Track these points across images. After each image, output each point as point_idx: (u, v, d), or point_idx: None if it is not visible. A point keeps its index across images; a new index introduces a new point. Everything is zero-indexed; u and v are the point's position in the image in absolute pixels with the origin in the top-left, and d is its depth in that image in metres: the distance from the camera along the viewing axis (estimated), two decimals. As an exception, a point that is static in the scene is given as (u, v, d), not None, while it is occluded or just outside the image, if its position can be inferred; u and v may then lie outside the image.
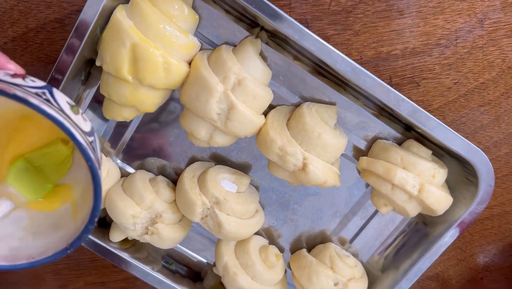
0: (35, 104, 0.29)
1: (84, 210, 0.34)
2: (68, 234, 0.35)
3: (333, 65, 0.43)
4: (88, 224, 0.33)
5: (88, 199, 0.33)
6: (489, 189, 0.47)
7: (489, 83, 0.48)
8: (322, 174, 0.46)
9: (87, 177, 0.32)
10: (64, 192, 0.38)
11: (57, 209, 0.38)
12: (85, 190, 0.36)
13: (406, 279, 0.51)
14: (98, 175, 0.31)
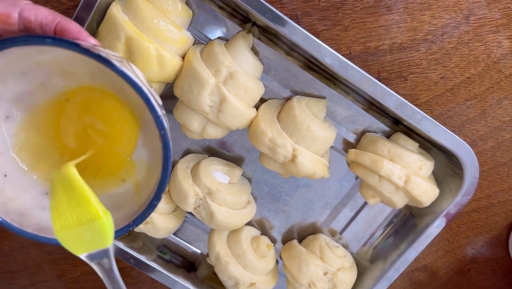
0: (117, 66, 0.29)
1: (148, 188, 0.35)
2: (130, 212, 0.35)
3: (321, 59, 0.44)
4: (154, 199, 0.33)
5: (153, 177, 0.33)
6: (474, 181, 0.48)
7: (475, 78, 0.49)
8: (311, 165, 0.47)
9: (154, 153, 0.32)
10: (128, 172, 0.39)
11: (119, 188, 0.38)
12: (151, 168, 0.36)
13: (394, 269, 0.52)
14: (169, 146, 0.31)
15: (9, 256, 0.61)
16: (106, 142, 0.38)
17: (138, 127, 0.38)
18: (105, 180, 0.39)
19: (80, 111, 0.38)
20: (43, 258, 0.61)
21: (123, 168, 0.39)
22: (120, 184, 0.39)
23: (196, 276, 0.58)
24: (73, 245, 0.31)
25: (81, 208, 0.30)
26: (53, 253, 0.61)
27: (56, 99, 0.37)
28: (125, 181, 0.39)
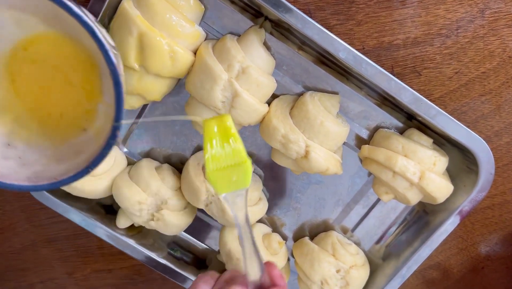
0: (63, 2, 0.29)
1: (107, 132, 0.35)
2: (91, 156, 0.36)
3: (335, 54, 0.44)
4: (110, 138, 0.33)
5: (110, 118, 0.33)
6: (490, 177, 0.47)
7: (490, 72, 0.48)
8: (324, 161, 0.47)
9: (112, 97, 0.32)
10: (89, 121, 0.40)
11: (81, 137, 0.39)
12: (109, 112, 0.37)
13: (407, 267, 0.51)
14: (120, 82, 0.32)
15: (19, 253, 0.61)
16: (67, 90, 0.38)
17: (97, 74, 0.39)
18: (67, 129, 0.40)
19: (38, 60, 0.38)
20: (54, 255, 0.61)
21: (84, 116, 0.40)
22: (81, 133, 0.40)
23: (206, 273, 0.58)
24: (220, 185, 0.37)
25: (233, 153, 0.36)
26: (63, 250, 0.61)
27: (13, 50, 0.37)
28: (86, 130, 0.40)
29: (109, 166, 0.51)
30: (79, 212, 0.52)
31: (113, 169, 0.51)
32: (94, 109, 0.40)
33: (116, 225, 0.54)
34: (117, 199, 0.50)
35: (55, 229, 0.60)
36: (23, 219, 0.59)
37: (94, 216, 0.53)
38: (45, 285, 0.63)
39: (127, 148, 0.55)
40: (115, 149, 0.53)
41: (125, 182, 0.50)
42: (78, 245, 0.60)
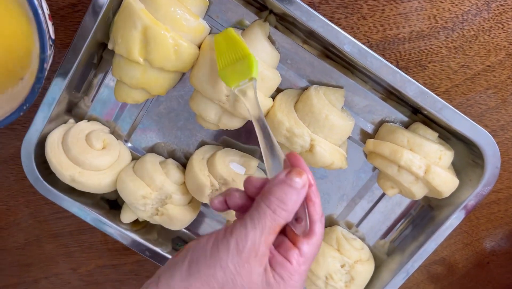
0: None
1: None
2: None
3: (340, 47, 0.44)
4: (38, 72, 0.34)
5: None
6: (495, 171, 0.47)
7: (496, 66, 0.48)
8: (329, 155, 0.46)
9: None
10: (24, 68, 0.41)
11: (18, 86, 0.40)
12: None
13: (412, 261, 0.51)
14: (37, 10, 0.33)
15: (23, 249, 0.62)
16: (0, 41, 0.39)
17: (28, 22, 0.39)
18: (5, 79, 0.41)
19: None
20: (58, 251, 0.61)
21: (19, 65, 0.40)
22: (19, 82, 0.41)
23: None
24: (228, 78, 0.42)
25: (236, 50, 0.42)
26: (67, 246, 0.61)
27: None
28: (23, 78, 0.41)
29: (113, 160, 0.51)
30: (83, 207, 0.52)
31: (118, 164, 0.51)
32: (29, 57, 0.40)
33: (121, 220, 0.54)
34: (121, 193, 0.50)
35: (59, 225, 0.60)
36: (27, 214, 0.59)
37: (98, 211, 0.53)
38: (50, 281, 0.63)
39: (131, 143, 0.55)
40: (120, 143, 0.53)
41: (130, 176, 0.50)
42: (82, 240, 0.60)
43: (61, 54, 0.51)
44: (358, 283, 0.52)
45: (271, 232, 0.32)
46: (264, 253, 0.32)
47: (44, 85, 0.52)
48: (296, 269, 0.33)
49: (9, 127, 0.54)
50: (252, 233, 0.32)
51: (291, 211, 0.33)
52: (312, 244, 0.34)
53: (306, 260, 0.34)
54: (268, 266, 0.33)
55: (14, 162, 0.56)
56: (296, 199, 0.33)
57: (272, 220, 0.32)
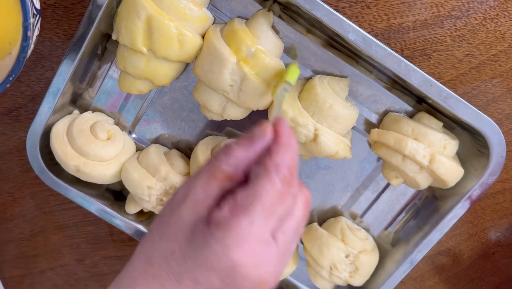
0: None
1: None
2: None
3: (344, 36, 0.43)
4: (22, 40, 0.34)
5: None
6: (501, 160, 0.47)
7: (501, 54, 0.48)
8: (334, 144, 0.46)
9: None
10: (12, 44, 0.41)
11: (5, 60, 0.41)
12: None
13: (417, 252, 0.51)
14: None
15: (29, 240, 0.62)
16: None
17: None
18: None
19: None
20: (63, 242, 0.62)
21: (8, 40, 0.41)
22: (7, 56, 0.41)
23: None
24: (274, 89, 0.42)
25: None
26: (73, 237, 0.61)
27: None
28: (11, 53, 0.41)
29: (118, 151, 0.51)
30: (88, 198, 0.52)
31: (122, 155, 0.52)
32: (18, 32, 0.40)
33: (126, 211, 0.54)
34: (126, 184, 0.50)
35: (65, 216, 0.60)
36: (33, 206, 0.60)
37: (103, 202, 0.53)
38: (56, 272, 0.64)
39: (136, 134, 0.55)
40: (124, 134, 0.53)
41: (134, 167, 0.50)
42: (87, 231, 0.61)
43: (65, 45, 0.51)
44: (362, 273, 0.52)
45: (210, 177, 0.29)
46: (199, 200, 0.29)
47: (48, 76, 0.52)
48: (225, 216, 0.27)
49: (14, 118, 0.55)
50: (189, 179, 0.30)
51: (237, 157, 0.29)
52: (250, 190, 0.28)
53: (243, 210, 0.27)
54: (205, 216, 0.29)
55: (19, 153, 0.56)
56: (247, 145, 0.29)
57: (210, 164, 0.29)
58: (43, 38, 0.50)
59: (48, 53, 0.51)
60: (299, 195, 0.31)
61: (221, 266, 0.27)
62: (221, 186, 0.29)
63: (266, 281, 0.29)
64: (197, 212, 0.29)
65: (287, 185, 0.29)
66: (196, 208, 0.29)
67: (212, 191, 0.29)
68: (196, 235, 0.28)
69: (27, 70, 0.52)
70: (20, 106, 0.54)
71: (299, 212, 0.30)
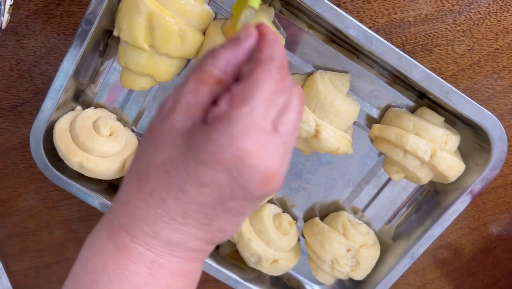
0: None
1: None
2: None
3: (345, 31, 0.43)
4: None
5: None
6: (502, 155, 0.47)
7: (503, 49, 0.48)
8: (335, 140, 0.46)
9: None
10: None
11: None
12: None
13: (418, 246, 0.51)
14: None
15: (34, 234, 0.63)
16: None
17: None
18: None
19: None
20: (68, 236, 0.62)
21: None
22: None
23: (218, 254, 0.58)
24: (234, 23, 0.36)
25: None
26: (77, 231, 0.62)
27: None
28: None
29: (120, 147, 0.51)
30: (92, 193, 0.52)
31: (125, 150, 0.52)
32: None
33: (129, 206, 0.54)
34: (129, 179, 0.51)
35: (68, 211, 0.61)
36: (38, 201, 0.60)
37: (107, 197, 0.53)
38: (61, 266, 0.65)
39: (138, 130, 0.55)
40: (126, 130, 0.53)
41: (137, 162, 0.51)
42: (91, 226, 0.60)
43: (67, 41, 0.51)
44: (363, 268, 0.53)
45: (199, 82, 0.27)
46: (191, 105, 0.27)
47: (51, 73, 0.52)
48: (225, 110, 0.26)
49: (18, 115, 0.55)
50: (176, 88, 0.28)
51: (226, 59, 0.28)
52: (246, 83, 0.26)
53: (242, 100, 0.26)
54: (200, 121, 0.27)
55: (23, 149, 0.57)
56: (234, 46, 0.28)
57: (198, 69, 0.28)
58: (46, 35, 0.51)
59: (50, 49, 0.51)
60: (293, 88, 0.29)
61: (227, 157, 0.25)
62: (211, 91, 0.27)
63: (273, 172, 0.27)
64: (191, 117, 0.27)
65: (283, 74, 0.28)
66: (189, 113, 0.27)
67: (202, 96, 0.27)
68: (195, 135, 0.26)
69: (30, 66, 0.52)
70: (24, 103, 0.54)
71: (296, 104, 0.29)
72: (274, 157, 0.27)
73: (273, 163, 0.26)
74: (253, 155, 0.26)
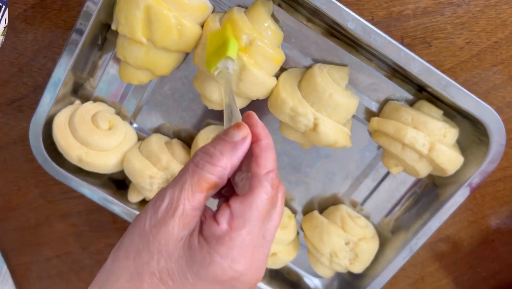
0: None
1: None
2: None
3: (344, 25, 0.43)
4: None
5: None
6: (500, 148, 0.47)
7: (502, 42, 0.48)
8: (333, 134, 0.46)
9: None
10: None
11: None
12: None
13: (417, 239, 0.51)
14: None
15: (35, 228, 0.63)
16: None
17: None
18: None
19: None
20: (68, 230, 0.63)
21: None
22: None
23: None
24: (210, 63, 0.40)
25: (223, 37, 0.40)
26: (77, 225, 0.62)
27: None
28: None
29: (119, 141, 0.52)
30: (91, 187, 0.52)
31: (124, 144, 0.52)
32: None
33: (128, 200, 0.54)
34: (128, 173, 0.51)
35: (68, 205, 0.61)
36: (38, 194, 0.60)
37: (106, 191, 0.54)
38: (61, 259, 0.65)
39: (137, 124, 0.55)
40: (126, 124, 0.54)
41: (136, 156, 0.51)
42: (91, 220, 0.62)
43: (65, 35, 0.51)
44: (362, 261, 0.53)
45: (196, 189, 0.28)
46: (187, 214, 0.28)
47: (50, 66, 0.52)
48: (225, 231, 0.28)
49: (17, 109, 0.55)
50: (170, 190, 0.28)
51: (223, 166, 0.29)
52: (246, 202, 0.28)
53: (242, 222, 0.28)
54: (198, 230, 0.28)
55: (23, 143, 0.57)
56: (230, 152, 0.29)
57: (194, 174, 0.28)
58: (44, 29, 0.50)
59: (49, 43, 0.51)
60: (280, 189, 0.31)
61: (225, 278, 0.28)
62: (207, 196, 0.29)
63: (259, 279, 0.30)
64: (188, 227, 0.28)
65: (276, 188, 0.30)
66: (186, 222, 0.28)
67: (199, 203, 0.28)
68: (195, 252, 0.28)
69: (28, 60, 0.52)
70: (23, 97, 0.55)
71: (281, 208, 0.31)
72: (262, 269, 0.30)
73: (260, 275, 0.30)
74: (247, 274, 0.28)
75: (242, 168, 0.30)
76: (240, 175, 0.30)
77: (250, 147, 0.30)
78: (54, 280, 0.67)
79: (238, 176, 0.30)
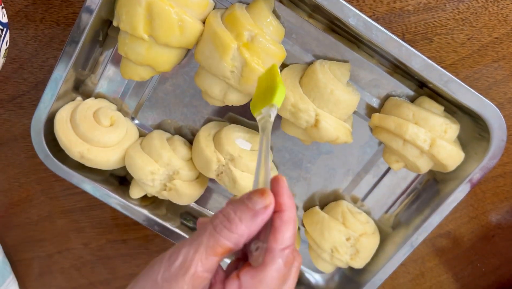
0: None
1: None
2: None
3: (345, 20, 0.43)
4: None
5: None
6: (501, 144, 0.47)
7: (504, 38, 0.48)
8: (334, 130, 0.47)
9: None
10: None
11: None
12: None
13: (417, 235, 0.52)
14: None
15: (36, 224, 0.63)
16: None
17: None
18: None
19: None
20: (69, 226, 0.63)
21: None
22: None
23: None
24: (255, 106, 0.38)
25: (272, 80, 0.38)
26: (79, 221, 0.62)
27: None
28: None
29: (121, 137, 0.52)
30: (93, 183, 0.53)
31: (125, 140, 0.52)
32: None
33: (130, 196, 0.55)
34: (130, 169, 0.51)
35: (70, 201, 0.61)
36: (39, 191, 0.61)
37: (108, 187, 0.54)
38: (63, 255, 0.65)
39: (139, 120, 0.55)
40: (127, 120, 0.54)
41: (138, 152, 0.51)
42: (92, 216, 0.62)
43: (66, 31, 0.51)
44: (363, 256, 0.53)
45: (210, 252, 0.28)
46: (198, 275, 0.28)
47: (51, 63, 0.52)
48: None
49: (18, 105, 0.55)
50: (186, 248, 0.29)
51: (240, 234, 0.29)
52: (257, 278, 0.28)
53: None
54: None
55: (24, 140, 0.57)
56: (250, 221, 0.29)
57: (211, 237, 0.29)
58: (45, 25, 0.50)
59: (50, 40, 0.51)
60: (295, 262, 0.31)
61: None
62: (220, 259, 0.29)
63: None
64: (197, 288, 0.29)
65: (289, 266, 0.29)
66: (197, 283, 0.28)
67: (211, 266, 0.29)
68: None
69: (29, 57, 0.52)
70: (24, 93, 0.55)
71: (293, 280, 0.31)
72: None
73: None
74: None
75: (260, 236, 0.30)
76: (256, 243, 0.30)
77: (272, 216, 0.29)
78: (56, 276, 0.67)
79: (254, 244, 0.30)
